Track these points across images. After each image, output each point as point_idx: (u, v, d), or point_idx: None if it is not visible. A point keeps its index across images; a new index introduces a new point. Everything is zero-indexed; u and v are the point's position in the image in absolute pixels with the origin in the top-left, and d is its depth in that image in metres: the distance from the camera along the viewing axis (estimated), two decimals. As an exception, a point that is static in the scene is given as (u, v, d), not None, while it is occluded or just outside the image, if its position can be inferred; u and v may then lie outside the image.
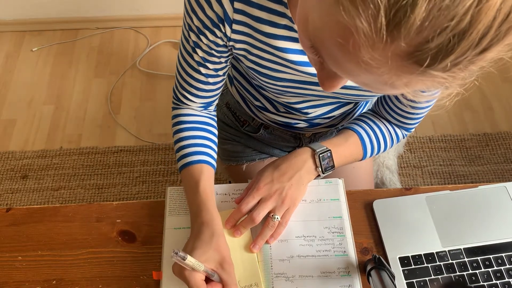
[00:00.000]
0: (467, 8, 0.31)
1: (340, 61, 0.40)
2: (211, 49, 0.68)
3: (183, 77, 0.75)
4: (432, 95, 0.52)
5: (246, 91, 0.88)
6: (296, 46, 0.65)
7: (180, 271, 0.64)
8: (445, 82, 0.37)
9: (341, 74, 0.44)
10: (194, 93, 0.77)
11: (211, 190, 0.74)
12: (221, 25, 0.63)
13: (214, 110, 0.84)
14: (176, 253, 0.59)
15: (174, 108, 0.82)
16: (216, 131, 0.82)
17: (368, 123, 0.81)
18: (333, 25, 0.37)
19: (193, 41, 0.68)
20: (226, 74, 0.77)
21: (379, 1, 0.32)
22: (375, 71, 0.37)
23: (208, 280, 0.65)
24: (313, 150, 0.75)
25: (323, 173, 0.75)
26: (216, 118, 0.84)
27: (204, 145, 0.78)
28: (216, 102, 0.82)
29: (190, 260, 0.60)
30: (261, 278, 0.70)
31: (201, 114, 0.81)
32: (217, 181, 0.79)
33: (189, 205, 0.74)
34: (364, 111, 0.94)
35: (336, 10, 0.35)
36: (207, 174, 0.75)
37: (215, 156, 0.80)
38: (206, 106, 0.81)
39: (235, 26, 0.63)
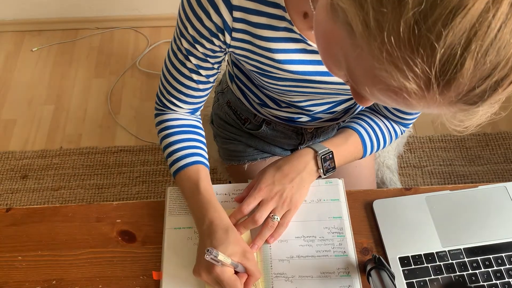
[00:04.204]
0: (508, 57, 0.33)
1: (386, 102, 0.41)
2: (207, 56, 0.68)
3: (171, 84, 0.75)
4: None
5: (248, 89, 0.88)
6: (297, 46, 0.65)
7: (209, 271, 0.65)
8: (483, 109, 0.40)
9: (384, 104, 0.46)
10: (183, 100, 0.77)
11: (212, 189, 0.75)
12: (220, 35, 0.64)
13: (199, 115, 0.84)
14: (211, 252, 0.60)
15: (158, 114, 0.81)
16: (204, 134, 0.82)
17: (367, 121, 0.82)
18: (380, 83, 0.38)
19: (186, 49, 0.68)
20: (215, 80, 0.77)
21: (428, 71, 0.34)
22: (423, 110, 0.40)
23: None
24: (315, 152, 0.75)
25: (325, 175, 0.75)
26: (201, 121, 0.84)
27: (196, 146, 0.78)
28: (202, 107, 0.83)
29: (221, 256, 0.62)
30: (260, 278, 0.70)
31: (188, 118, 0.81)
32: (217, 181, 0.80)
33: (191, 207, 0.74)
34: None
35: (384, 76, 0.36)
36: (205, 174, 0.75)
37: (207, 157, 0.80)
38: (193, 112, 0.81)
39: (234, 34, 0.64)
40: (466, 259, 0.71)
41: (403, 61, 0.34)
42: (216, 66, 0.72)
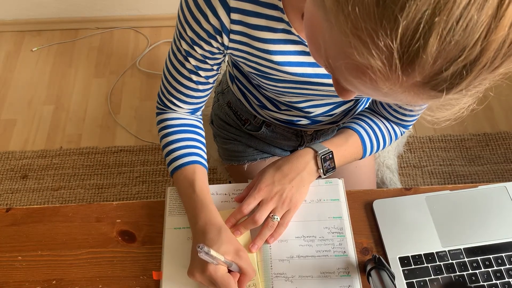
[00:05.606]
0: (477, 40, 0.32)
1: (359, 87, 0.41)
2: (206, 57, 0.68)
3: (171, 84, 0.75)
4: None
5: (247, 90, 0.88)
6: (296, 47, 0.65)
7: (202, 270, 0.65)
8: (460, 99, 0.39)
9: (360, 93, 0.45)
10: (183, 100, 0.77)
11: (207, 189, 0.75)
12: (218, 37, 0.64)
13: (200, 115, 0.84)
14: (202, 247, 0.60)
15: (159, 113, 0.82)
16: (203, 134, 0.83)
17: (367, 122, 0.82)
18: (348, 63, 0.38)
19: (185, 50, 0.68)
20: (215, 81, 0.77)
21: (391, 45, 0.33)
22: (393, 96, 0.39)
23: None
24: (315, 152, 0.75)
25: (325, 175, 0.75)
26: (202, 121, 0.84)
27: (194, 146, 0.78)
28: (203, 107, 0.83)
29: (213, 252, 0.62)
30: (260, 278, 0.70)
31: (188, 118, 0.81)
32: (217, 181, 0.79)
33: (185, 207, 0.74)
34: (364, 107, 0.94)
35: (350, 51, 0.36)
36: (200, 174, 0.75)
37: (206, 157, 0.80)
38: (193, 112, 0.82)
39: (232, 36, 0.64)
40: (466, 259, 0.71)
41: (366, 34, 0.34)
42: (215, 67, 0.72)
